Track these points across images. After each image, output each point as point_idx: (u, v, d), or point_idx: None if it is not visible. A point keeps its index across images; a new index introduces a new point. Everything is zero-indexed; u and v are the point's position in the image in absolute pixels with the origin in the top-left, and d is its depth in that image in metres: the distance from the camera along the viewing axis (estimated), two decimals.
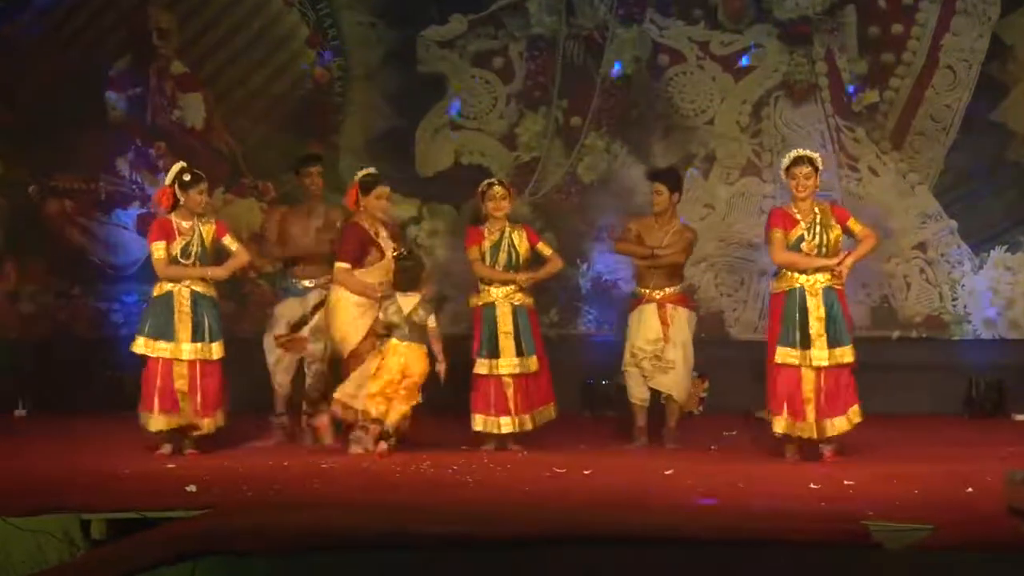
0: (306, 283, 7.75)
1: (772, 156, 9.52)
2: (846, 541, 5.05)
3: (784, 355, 7.05)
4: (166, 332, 7.15)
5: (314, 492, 6.15)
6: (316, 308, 7.61)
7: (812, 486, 6.18)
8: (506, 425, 7.54)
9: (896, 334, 9.64)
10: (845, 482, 6.26)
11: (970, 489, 5.96)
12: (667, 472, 6.68)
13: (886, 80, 9.68)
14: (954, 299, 9.63)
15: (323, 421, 7.68)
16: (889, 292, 9.68)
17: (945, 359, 9.46)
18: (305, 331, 7.60)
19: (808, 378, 7.02)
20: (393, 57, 9.80)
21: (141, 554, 5.06)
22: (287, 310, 7.74)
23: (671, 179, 7.89)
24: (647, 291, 7.76)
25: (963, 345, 9.61)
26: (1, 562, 5.20)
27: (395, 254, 7.40)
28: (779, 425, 7.08)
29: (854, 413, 7.07)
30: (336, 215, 7.85)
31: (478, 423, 7.58)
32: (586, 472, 6.73)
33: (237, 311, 9.51)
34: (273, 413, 7.79)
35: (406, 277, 7.36)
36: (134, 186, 9.80)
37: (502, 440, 7.60)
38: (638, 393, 7.79)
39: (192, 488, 6.01)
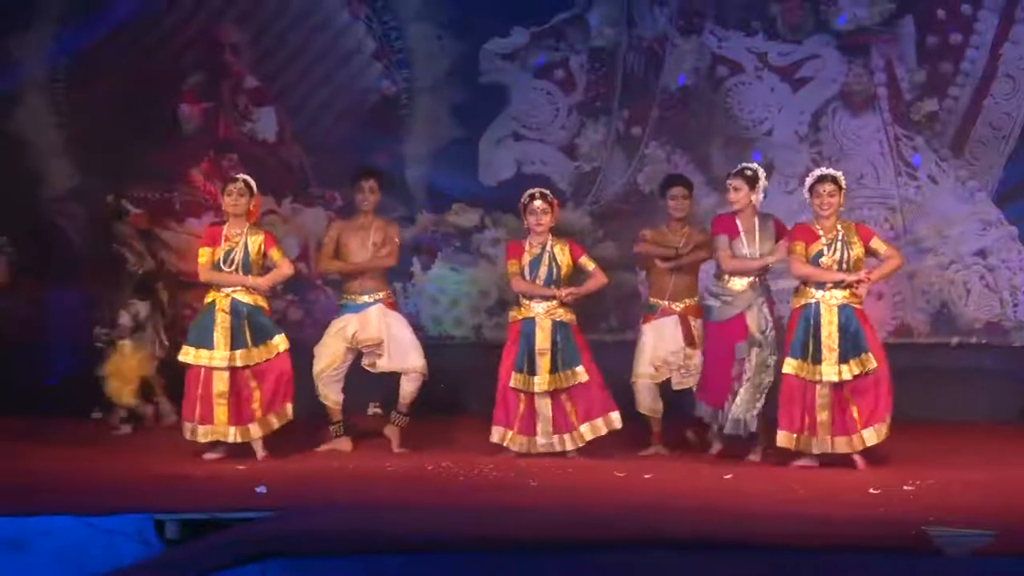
0: (365, 298, 7.68)
1: (831, 164, 9.37)
2: (906, 547, 4.97)
3: (790, 365, 6.97)
4: (205, 341, 7.18)
5: (378, 495, 6.16)
6: None
7: (872, 491, 6.11)
8: (544, 447, 7.36)
9: (955, 340, 9.47)
10: (905, 488, 6.18)
11: None
12: (727, 476, 6.63)
13: (945, 89, 9.53)
14: (1014, 305, 9.44)
15: (395, 432, 7.66)
16: (948, 298, 9.52)
17: (1005, 365, 9.29)
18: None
19: (822, 394, 6.90)
20: (457, 69, 9.81)
21: (212, 555, 5.10)
22: (343, 326, 7.64)
23: (690, 184, 7.87)
24: (665, 302, 7.61)
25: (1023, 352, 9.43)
26: (78, 560, 5.27)
27: None
28: (782, 439, 6.98)
29: (884, 427, 6.90)
30: (393, 230, 7.83)
31: (495, 435, 7.41)
32: (647, 476, 6.70)
33: (303, 317, 9.57)
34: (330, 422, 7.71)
35: None
36: (207, 196, 9.88)
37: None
38: (651, 404, 7.59)
39: (262, 490, 6.05)
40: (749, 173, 7.41)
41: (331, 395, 7.61)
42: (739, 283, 7.30)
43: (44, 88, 9.82)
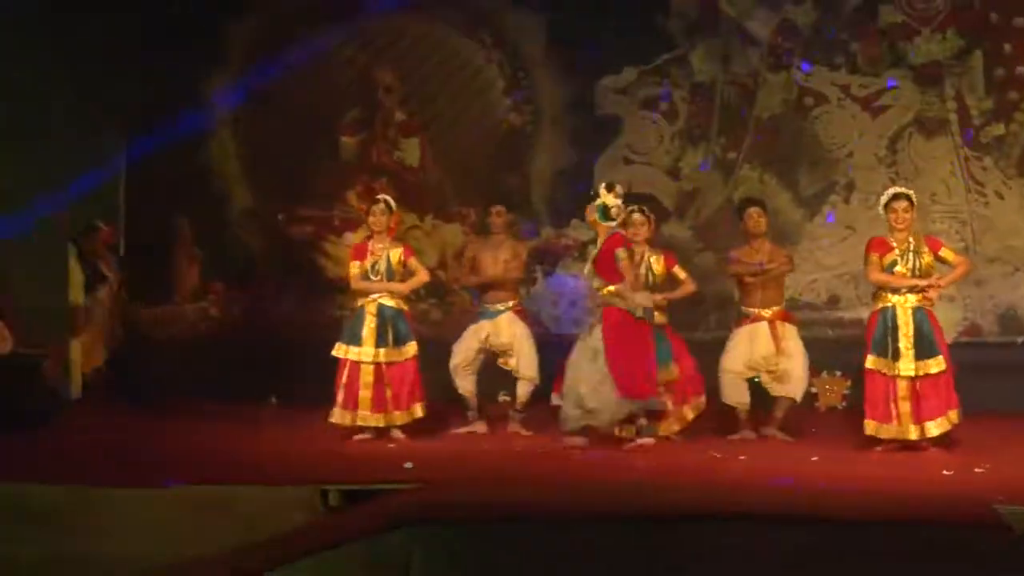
0: (498, 307, 7.72)
1: (906, 183, 9.14)
2: (978, 522, 4.84)
3: (872, 362, 6.81)
4: (355, 338, 7.29)
5: (508, 470, 6.20)
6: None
7: (945, 473, 5.95)
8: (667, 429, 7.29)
9: (1021, 339, 9.19)
10: (976, 470, 6.01)
11: None
12: (814, 459, 6.52)
13: (1011, 115, 9.25)
14: None
15: (517, 425, 7.68)
16: (1015, 301, 9.24)
17: None
18: None
19: (902, 387, 6.73)
20: (575, 103, 9.83)
21: (368, 520, 5.19)
22: (477, 329, 7.68)
23: (764, 204, 7.63)
24: (756, 310, 7.40)
25: None
26: (260, 522, 5.41)
27: None
28: (868, 427, 6.81)
29: (953, 416, 6.73)
30: (522, 248, 7.88)
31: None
32: (741, 458, 6.63)
33: (443, 318, 9.66)
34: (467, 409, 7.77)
35: None
36: (361, 215, 10.05)
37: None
38: (738, 397, 7.38)
39: (409, 465, 6.13)
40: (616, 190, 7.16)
41: (466, 385, 7.69)
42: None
43: (229, 124, 10.13)
